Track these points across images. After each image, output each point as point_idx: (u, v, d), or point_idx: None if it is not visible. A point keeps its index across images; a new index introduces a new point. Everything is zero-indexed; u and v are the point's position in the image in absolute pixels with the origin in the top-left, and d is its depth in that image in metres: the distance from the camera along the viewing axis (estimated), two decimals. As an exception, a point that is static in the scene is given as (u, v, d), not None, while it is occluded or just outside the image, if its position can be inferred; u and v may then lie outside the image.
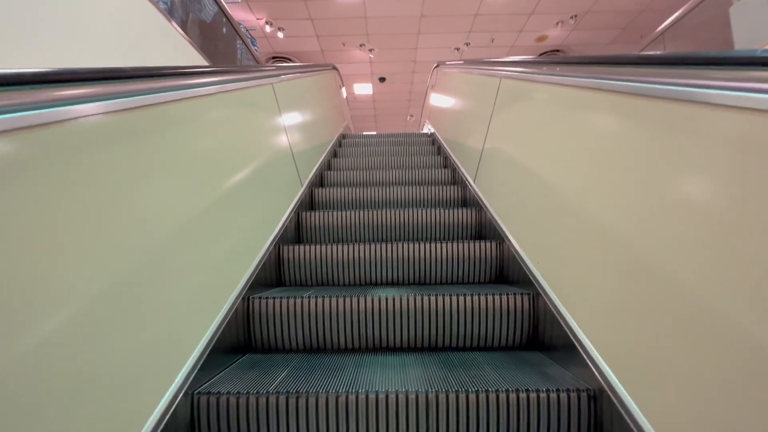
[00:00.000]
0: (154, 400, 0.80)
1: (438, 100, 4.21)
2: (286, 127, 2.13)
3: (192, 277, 1.00)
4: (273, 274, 1.64)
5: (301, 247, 1.70)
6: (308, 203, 2.32)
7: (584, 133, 1.11)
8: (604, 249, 0.93)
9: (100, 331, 0.67)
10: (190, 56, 2.81)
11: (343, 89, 5.36)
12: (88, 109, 0.70)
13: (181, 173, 1.02)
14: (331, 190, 2.39)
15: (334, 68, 4.52)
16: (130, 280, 0.76)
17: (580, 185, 1.07)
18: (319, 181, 2.69)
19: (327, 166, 3.02)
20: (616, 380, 0.84)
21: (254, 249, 1.48)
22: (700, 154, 0.68)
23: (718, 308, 0.61)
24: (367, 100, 8.59)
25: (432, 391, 0.91)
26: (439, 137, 3.54)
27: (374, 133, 10.35)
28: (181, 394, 0.87)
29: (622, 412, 0.80)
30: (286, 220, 1.82)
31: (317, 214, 2.01)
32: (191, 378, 0.92)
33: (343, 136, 4.02)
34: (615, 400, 0.82)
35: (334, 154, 3.36)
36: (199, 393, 0.92)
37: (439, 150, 3.36)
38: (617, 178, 0.91)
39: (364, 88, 8.05)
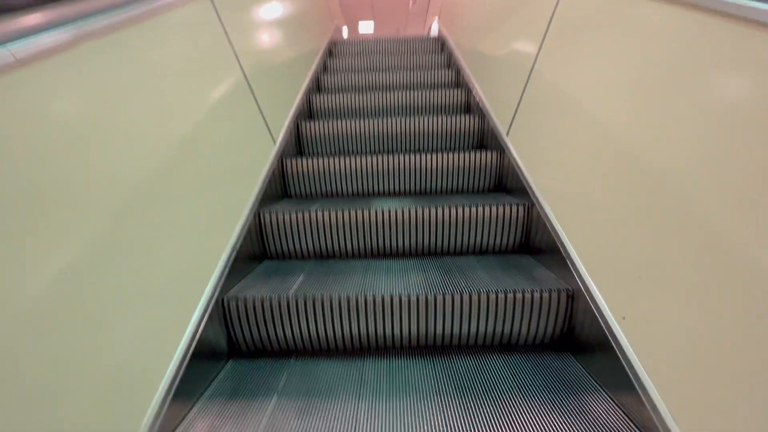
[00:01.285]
0: (192, 305, 0.93)
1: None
2: (237, 51, 1.40)
3: (212, 191, 1.06)
4: (279, 188, 1.70)
5: (304, 160, 1.72)
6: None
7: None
8: (593, 163, 0.96)
9: (148, 247, 0.75)
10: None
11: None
12: None
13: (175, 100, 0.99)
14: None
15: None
16: (170, 196, 0.82)
17: (582, 104, 1.05)
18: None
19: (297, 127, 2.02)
20: (592, 282, 0.95)
21: (260, 164, 1.50)
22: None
23: (685, 218, 0.67)
24: (363, -19, 7.56)
25: (431, 293, 1.05)
26: (455, 50, 2.82)
27: (371, 32, 9.31)
28: (213, 300, 1.01)
29: (594, 308, 0.93)
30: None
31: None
32: (220, 285, 1.05)
33: (328, 54, 3.20)
34: (589, 299, 0.95)
35: (316, 86, 2.56)
36: (228, 298, 1.06)
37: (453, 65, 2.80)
38: (618, 97, 0.89)
39: (358, -34, 7.02)
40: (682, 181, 0.70)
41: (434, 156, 1.69)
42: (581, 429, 0.78)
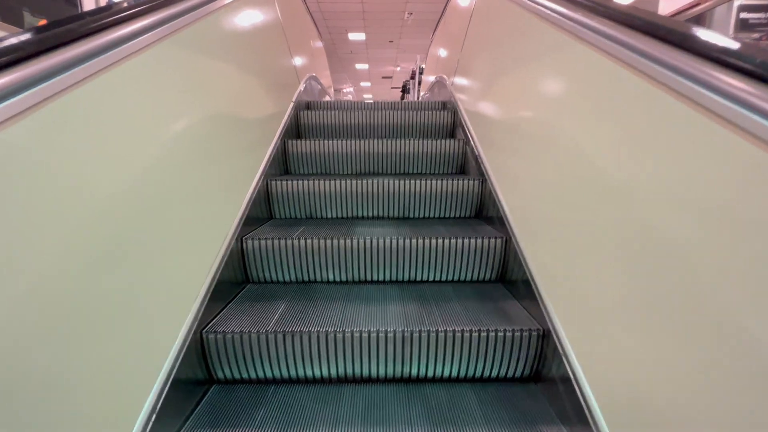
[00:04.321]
0: (171, 338, 0.94)
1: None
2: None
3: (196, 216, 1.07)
4: (264, 209, 1.71)
5: (288, 182, 1.74)
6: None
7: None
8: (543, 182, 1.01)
9: (133, 287, 0.77)
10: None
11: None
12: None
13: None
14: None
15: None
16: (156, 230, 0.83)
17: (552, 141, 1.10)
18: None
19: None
20: (556, 319, 1.00)
21: (244, 184, 1.52)
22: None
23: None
24: (354, -9, 7.59)
25: (407, 329, 1.08)
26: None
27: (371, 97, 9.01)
28: (192, 333, 1.02)
29: (556, 340, 0.98)
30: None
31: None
32: (199, 316, 1.06)
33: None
34: (554, 334, 1.00)
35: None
36: (206, 331, 1.07)
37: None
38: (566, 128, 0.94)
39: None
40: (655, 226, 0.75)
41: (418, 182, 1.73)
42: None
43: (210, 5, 1.29)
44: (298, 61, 2.77)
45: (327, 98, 3.96)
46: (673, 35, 0.71)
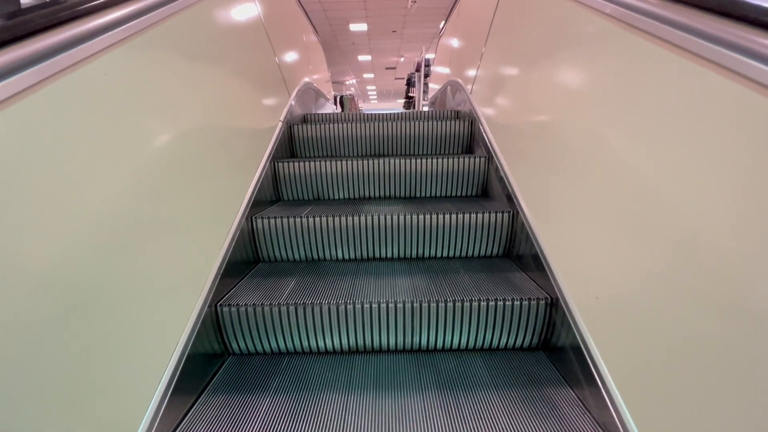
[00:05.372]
0: (186, 312, 0.97)
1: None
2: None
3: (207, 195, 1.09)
4: (271, 191, 1.73)
5: (295, 163, 1.75)
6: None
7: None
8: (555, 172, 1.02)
9: (154, 261, 0.79)
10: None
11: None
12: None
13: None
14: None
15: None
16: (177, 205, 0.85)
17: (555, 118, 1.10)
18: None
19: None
20: (565, 288, 1.01)
21: (252, 166, 1.53)
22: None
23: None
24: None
25: (417, 300, 1.09)
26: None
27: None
28: (207, 306, 1.04)
29: (564, 308, 0.99)
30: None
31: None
32: (213, 291, 1.08)
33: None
34: (562, 302, 1.01)
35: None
36: (221, 305, 1.10)
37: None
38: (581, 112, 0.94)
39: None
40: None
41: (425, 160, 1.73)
42: (550, 427, 0.84)
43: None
44: (285, 66, 2.32)
45: (322, 100, 3.69)
46: None
